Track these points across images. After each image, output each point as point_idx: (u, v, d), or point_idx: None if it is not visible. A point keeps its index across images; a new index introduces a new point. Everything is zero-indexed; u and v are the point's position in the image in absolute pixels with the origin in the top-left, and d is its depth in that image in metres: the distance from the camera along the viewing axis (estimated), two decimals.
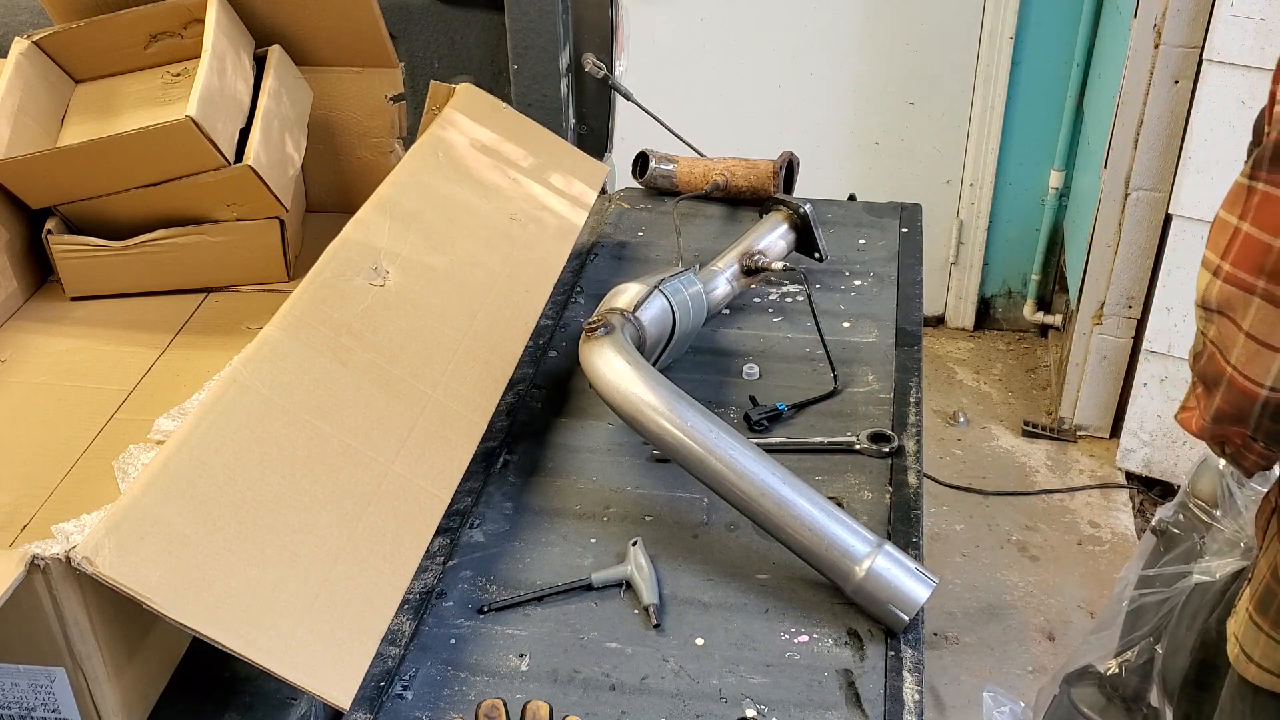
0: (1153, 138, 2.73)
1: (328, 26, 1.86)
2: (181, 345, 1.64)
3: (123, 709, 1.10)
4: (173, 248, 1.72)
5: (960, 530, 2.91)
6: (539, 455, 1.57)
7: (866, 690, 1.21)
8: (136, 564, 1.01)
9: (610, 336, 1.46)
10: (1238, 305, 1.02)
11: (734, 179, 2.14)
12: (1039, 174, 3.45)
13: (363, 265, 1.46)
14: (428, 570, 1.37)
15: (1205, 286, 1.06)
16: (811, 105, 3.48)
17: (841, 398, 1.66)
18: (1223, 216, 1.04)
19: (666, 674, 1.24)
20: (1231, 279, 1.02)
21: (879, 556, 1.27)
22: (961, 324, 3.73)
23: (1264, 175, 1.00)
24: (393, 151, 1.94)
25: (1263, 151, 1.00)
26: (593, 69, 2.25)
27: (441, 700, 1.21)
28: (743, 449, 1.33)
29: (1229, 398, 1.07)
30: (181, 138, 1.59)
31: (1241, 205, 1.02)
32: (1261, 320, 1.01)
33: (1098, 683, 1.84)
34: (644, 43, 3.17)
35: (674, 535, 1.42)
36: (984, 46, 3.29)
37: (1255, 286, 1.00)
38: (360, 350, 1.36)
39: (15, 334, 1.67)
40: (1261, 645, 1.27)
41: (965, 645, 2.58)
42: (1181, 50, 2.62)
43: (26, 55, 1.76)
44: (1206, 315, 1.07)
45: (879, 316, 1.85)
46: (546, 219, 1.78)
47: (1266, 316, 1.00)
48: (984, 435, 3.27)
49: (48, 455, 1.41)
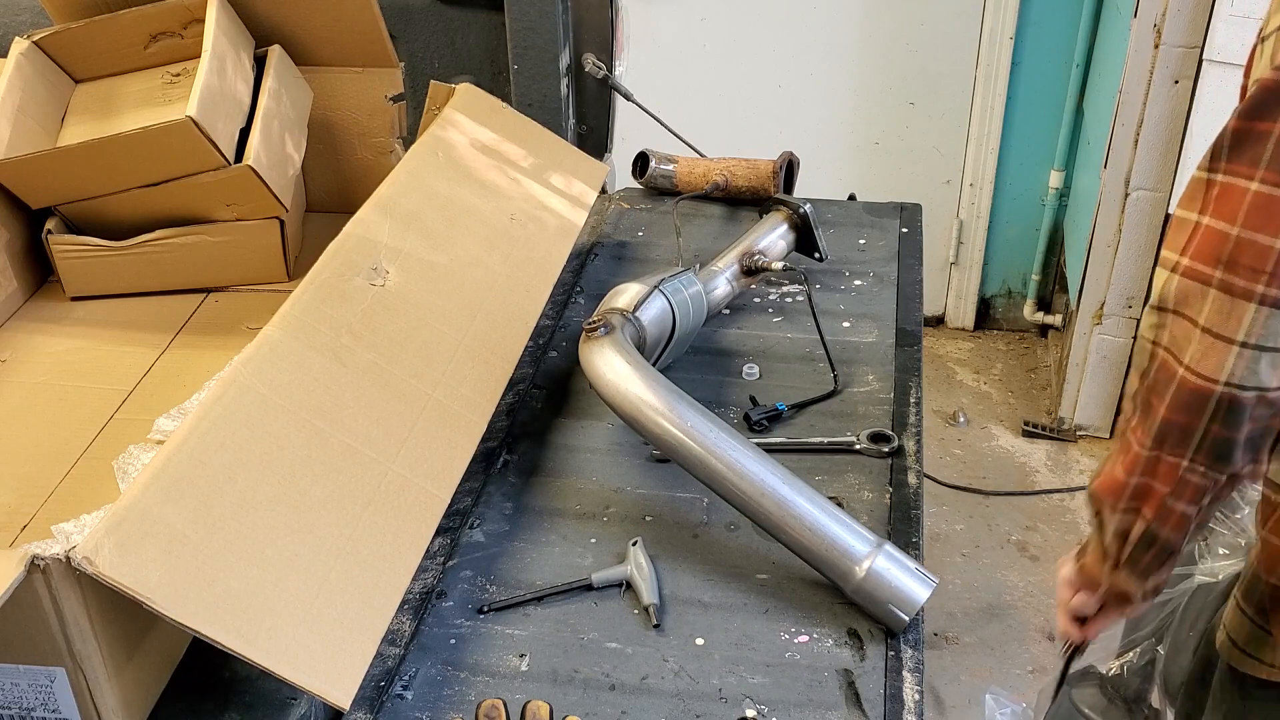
0: (1153, 138, 2.73)
1: (328, 26, 1.86)
2: (181, 345, 1.64)
3: (123, 709, 1.10)
4: (173, 248, 1.72)
5: (960, 530, 2.91)
6: (539, 455, 1.57)
7: (866, 690, 1.21)
8: (136, 564, 1.01)
9: (610, 336, 1.46)
10: (1194, 299, 1.00)
11: (734, 179, 2.14)
12: (1039, 174, 3.45)
13: (363, 265, 1.46)
14: (428, 570, 1.37)
15: (1163, 284, 1.03)
16: (811, 105, 3.48)
17: (841, 398, 1.66)
18: (1180, 214, 1.02)
19: (666, 674, 1.24)
20: (1189, 272, 1.00)
21: (879, 556, 1.27)
22: (961, 324, 3.73)
23: (1223, 166, 0.98)
24: (393, 151, 1.94)
25: (1220, 141, 0.98)
26: (593, 69, 2.25)
27: (441, 700, 1.21)
28: (743, 449, 1.33)
29: (1178, 403, 1.03)
30: (181, 138, 1.59)
31: (1200, 199, 1.00)
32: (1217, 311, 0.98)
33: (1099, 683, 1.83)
34: (644, 43, 3.17)
35: (674, 535, 1.42)
36: (984, 46, 3.29)
37: (1212, 277, 0.98)
38: (360, 350, 1.36)
39: (15, 334, 1.67)
40: (1246, 631, 1.28)
41: (965, 645, 2.58)
42: (1181, 50, 2.62)
43: (26, 55, 1.76)
44: (1161, 317, 1.04)
45: (879, 316, 1.85)
46: (546, 219, 1.78)
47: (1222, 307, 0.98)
48: (984, 435, 3.27)
49: (48, 455, 1.41)
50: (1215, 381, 1.00)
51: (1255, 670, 1.28)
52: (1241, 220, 0.96)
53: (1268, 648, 1.26)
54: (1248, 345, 0.98)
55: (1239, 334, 0.98)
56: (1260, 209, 0.95)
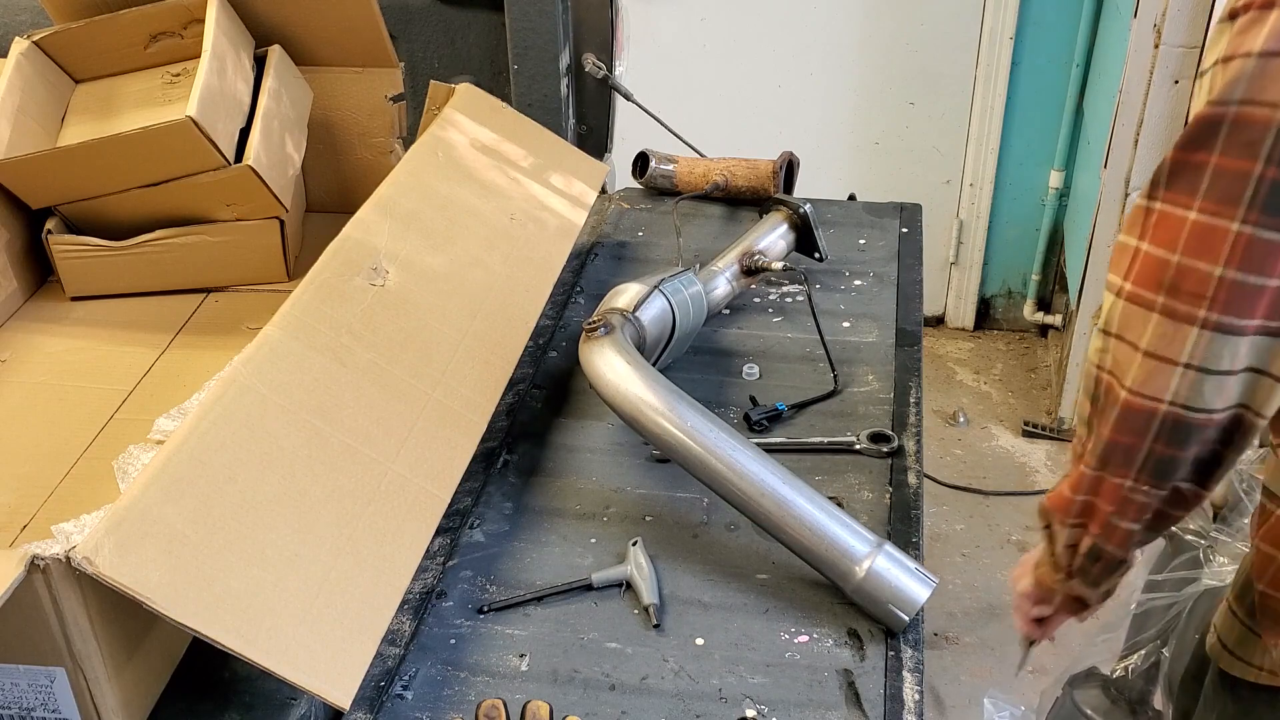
0: (1153, 138, 2.73)
1: (328, 26, 1.86)
2: (181, 345, 1.64)
3: (123, 709, 1.10)
4: (173, 248, 1.72)
5: (960, 530, 2.91)
6: (539, 455, 1.57)
7: (866, 690, 1.21)
8: (136, 564, 1.01)
9: (610, 336, 1.46)
10: (1136, 323, 1.03)
11: (734, 179, 2.14)
12: (1039, 174, 3.45)
13: (363, 265, 1.46)
14: (428, 570, 1.37)
15: (1109, 309, 1.06)
16: (811, 105, 3.48)
17: (841, 398, 1.66)
18: (1122, 240, 1.05)
19: (666, 674, 1.24)
20: (1133, 297, 1.03)
21: (879, 556, 1.27)
22: (961, 324, 3.73)
23: (1160, 194, 1.01)
24: (393, 151, 1.94)
25: (1159, 172, 1.01)
26: (593, 69, 2.25)
27: (441, 700, 1.21)
28: (743, 449, 1.33)
29: (1122, 424, 1.05)
30: (181, 138, 1.59)
31: (1140, 226, 1.03)
32: (1159, 336, 1.01)
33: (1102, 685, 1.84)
34: (644, 43, 3.17)
35: (674, 535, 1.42)
36: (984, 46, 3.29)
37: (1155, 302, 1.01)
38: (360, 350, 1.36)
39: (15, 334, 1.67)
40: (1236, 633, 1.30)
41: (965, 645, 2.58)
42: (1181, 50, 2.62)
43: (26, 55, 1.76)
44: (1105, 341, 1.07)
45: (879, 316, 1.85)
46: (546, 219, 1.78)
47: (1165, 331, 1.00)
48: (984, 435, 3.27)
49: (48, 455, 1.41)
50: (1160, 401, 1.03)
51: (1244, 673, 1.29)
52: (1181, 248, 0.99)
53: (1257, 651, 1.27)
54: (1191, 367, 1.00)
55: (1182, 356, 1.00)
56: (1199, 237, 0.98)
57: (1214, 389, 1.00)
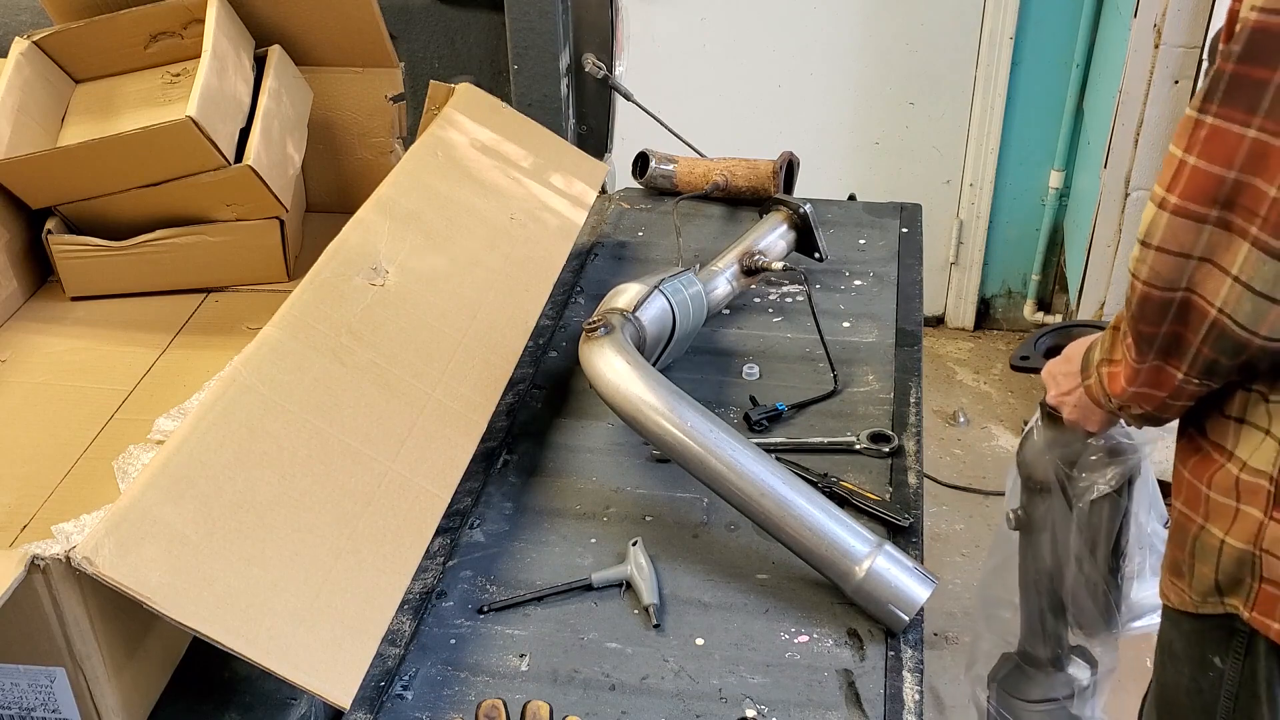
0: (1153, 138, 2.73)
1: (328, 26, 1.86)
2: (181, 345, 1.64)
3: (123, 709, 1.10)
4: (173, 248, 1.72)
5: (960, 530, 2.91)
6: (539, 455, 1.57)
7: (866, 690, 1.21)
8: (136, 564, 1.01)
9: (610, 336, 1.46)
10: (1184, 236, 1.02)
11: (734, 179, 2.14)
12: (1039, 174, 3.45)
13: (362, 265, 1.46)
14: (428, 570, 1.37)
15: (1150, 220, 1.05)
16: (811, 105, 3.48)
17: (841, 398, 1.66)
18: (1171, 151, 1.03)
19: (666, 674, 1.24)
20: (1179, 210, 1.02)
21: (879, 556, 1.27)
22: (961, 324, 3.73)
23: (1214, 109, 0.99)
24: (393, 151, 1.94)
25: (1215, 83, 0.99)
26: (593, 69, 2.25)
27: (441, 700, 1.21)
28: (743, 449, 1.33)
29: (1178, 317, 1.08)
30: (181, 138, 1.59)
31: (1188, 138, 1.01)
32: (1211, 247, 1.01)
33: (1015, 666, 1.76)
34: (644, 43, 3.17)
35: (674, 535, 1.42)
36: (984, 46, 3.29)
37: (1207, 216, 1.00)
38: (360, 350, 1.36)
39: (15, 334, 1.67)
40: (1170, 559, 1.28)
41: (965, 645, 2.57)
42: (1181, 50, 2.62)
43: (26, 55, 1.76)
44: (1143, 253, 1.07)
45: (879, 316, 1.85)
46: (546, 219, 1.78)
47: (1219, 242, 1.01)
48: (984, 435, 3.27)
49: (48, 455, 1.41)
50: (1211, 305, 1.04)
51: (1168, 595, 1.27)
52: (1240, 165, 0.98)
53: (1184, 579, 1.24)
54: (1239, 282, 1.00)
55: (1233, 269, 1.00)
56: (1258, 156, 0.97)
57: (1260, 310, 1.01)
